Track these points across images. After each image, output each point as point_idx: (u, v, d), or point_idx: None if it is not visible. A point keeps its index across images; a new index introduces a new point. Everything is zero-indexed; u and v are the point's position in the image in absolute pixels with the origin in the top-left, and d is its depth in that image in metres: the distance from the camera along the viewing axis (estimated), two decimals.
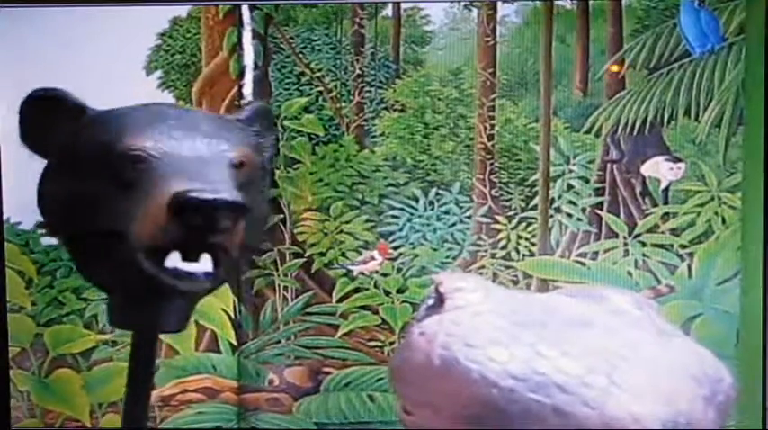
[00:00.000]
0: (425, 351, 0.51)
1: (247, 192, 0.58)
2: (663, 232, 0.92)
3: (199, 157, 0.57)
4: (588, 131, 0.92)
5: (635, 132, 0.92)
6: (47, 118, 0.64)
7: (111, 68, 0.89)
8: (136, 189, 0.56)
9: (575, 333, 0.50)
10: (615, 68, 0.91)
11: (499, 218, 0.93)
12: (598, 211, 0.93)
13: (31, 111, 0.65)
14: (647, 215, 0.93)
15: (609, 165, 0.93)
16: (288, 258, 0.93)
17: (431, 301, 0.56)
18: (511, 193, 0.93)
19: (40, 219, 0.65)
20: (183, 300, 0.63)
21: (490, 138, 0.92)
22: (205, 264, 0.55)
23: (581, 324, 0.51)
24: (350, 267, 0.93)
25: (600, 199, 0.93)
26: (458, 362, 0.49)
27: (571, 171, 0.92)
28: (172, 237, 0.54)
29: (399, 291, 0.93)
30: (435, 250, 0.93)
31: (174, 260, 0.54)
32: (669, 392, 0.46)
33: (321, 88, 0.92)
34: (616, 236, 0.93)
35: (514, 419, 0.47)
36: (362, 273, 0.93)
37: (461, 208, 0.93)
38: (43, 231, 0.90)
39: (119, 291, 0.63)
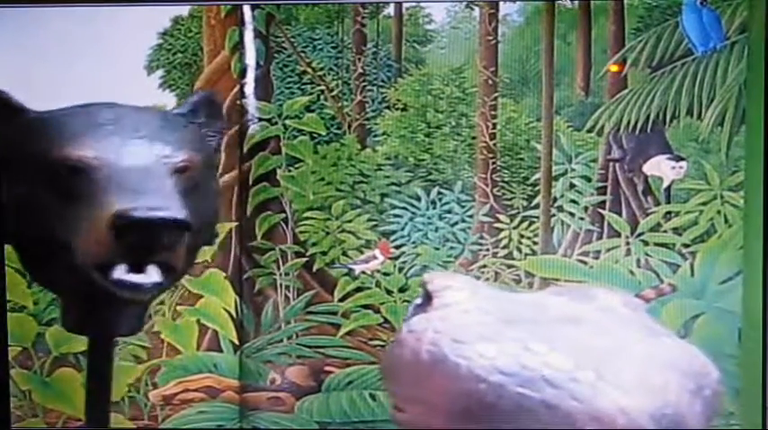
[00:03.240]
0: (414, 348, 0.51)
1: (193, 195, 0.57)
2: (665, 231, 0.92)
3: (139, 167, 0.56)
4: (590, 130, 0.92)
5: (637, 131, 0.92)
6: None
7: (112, 68, 0.89)
8: (77, 201, 0.55)
9: (563, 330, 0.50)
10: (615, 68, 0.91)
11: (501, 217, 0.93)
12: (600, 210, 0.93)
13: None
14: (650, 214, 0.92)
15: (611, 163, 0.93)
16: (289, 257, 0.93)
17: (419, 300, 0.57)
18: (513, 192, 0.93)
19: None
20: (135, 305, 0.63)
21: (492, 136, 0.92)
22: (152, 274, 0.55)
23: (570, 321, 0.51)
24: (351, 266, 0.93)
25: (602, 198, 0.93)
26: (446, 358, 0.49)
27: (573, 170, 0.92)
28: (115, 255, 0.53)
29: (401, 290, 0.93)
30: (437, 249, 0.93)
31: (120, 272, 0.54)
32: (656, 386, 0.47)
33: (323, 87, 0.92)
34: (618, 235, 0.93)
35: (504, 413, 0.47)
36: (364, 272, 0.93)
37: (463, 207, 0.93)
38: None
39: (70, 297, 0.63)
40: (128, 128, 0.59)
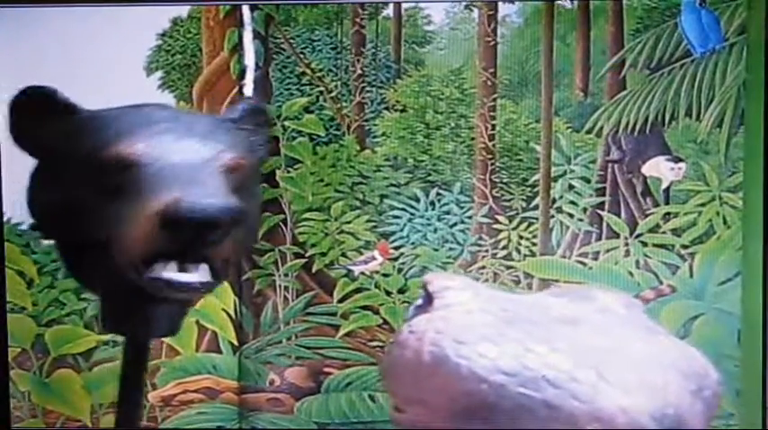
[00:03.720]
0: (415, 348, 0.51)
1: (240, 196, 0.57)
2: (664, 232, 0.92)
3: (190, 163, 0.56)
4: (589, 131, 0.92)
5: (636, 132, 0.92)
6: (36, 116, 0.63)
7: (111, 69, 0.89)
8: (126, 196, 0.55)
9: (563, 330, 0.50)
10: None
11: (500, 218, 0.93)
12: (599, 211, 0.93)
13: (21, 108, 0.64)
14: (649, 215, 0.93)
15: (610, 165, 0.93)
16: (289, 258, 0.93)
17: (420, 301, 0.57)
18: (512, 193, 0.93)
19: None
20: (176, 305, 0.62)
21: (491, 138, 0.92)
22: (202, 273, 0.54)
23: (569, 322, 0.51)
24: (351, 267, 0.93)
25: (601, 199, 0.93)
26: (447, 359, 0.49)
27: (572, 171, 0.92)
28: (163, 249, 0.53)
29: (400, 292, 0.93)
30: (436, 250, 0.93)
31: (169, 271, 0.54)
32: (657, 386, 0.47)
33: (322, 88, 0.92)
34: (617, 236, 0.93)
35: (505, 413, 0.48)
36: (363, 274, 0.93)
37: (462, 208, 0.93)
38: (37, 233, 0.90)
39: (111, 297, 0.62)
40: (179, 127, 0.59)
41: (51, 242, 0.64)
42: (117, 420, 0.66)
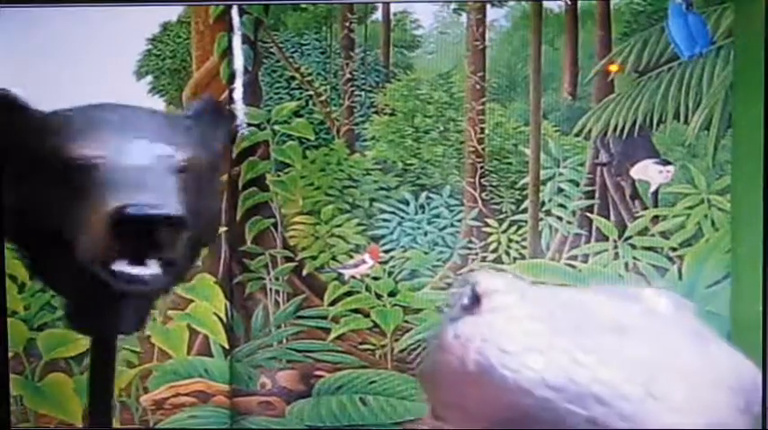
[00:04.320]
0: (460, 356, 0.50)
1: (195, 195, 0.57)
2: (653, 235, 0.93)
3: (140, 166, 0.57)
4: (578, 134, 0.92)
5: (624, 135, 0.92)
6: None
7: (100, 73, 0.89)
8: (79, 197, 0.56)
9: (611, 338, 0.49)
10: (615, 68, 0.91)
11: (489, 221, 0.93)
12: (588, 214, 0.93)
13: None
14: (637, 218, 0.93)
15: (599, 168, 0.93)
16: (279, 262, 0.93)
17: (466, 301, 0.55)
18: (501, 197, 0.93)
19: None
20: (138, 301, 0.63)
21: (480, 141, 0.92)
22: (152, 266, 0.55)
23: (618, 328, 0.50)
24: (341, 271, 0.93)
25: (590, 202, 0.93)
26: (493, 369, 0.48)
27: (561, 174, 0.93)
28: (115, 249, 0.54)
29: (390, 295, 0.93)
30: (426, 253, 0.93)
31: (120, 264, 0.54)
32: (705, 404, 0.46)
33: (311, 92, 0.92)
34: (606, 238, 0.93)
35: (548, 427, 0.47)
36: (354, 277, 0.93)
37: (452, 211, 0.93)
38: None
39: (74, 296, 0.63)
40: (131, 127, 0.60)
41: (15, 247, 0.64)
42: (89, 421, 0.66)
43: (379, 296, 0.93)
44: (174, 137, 0.61)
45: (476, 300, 0.55)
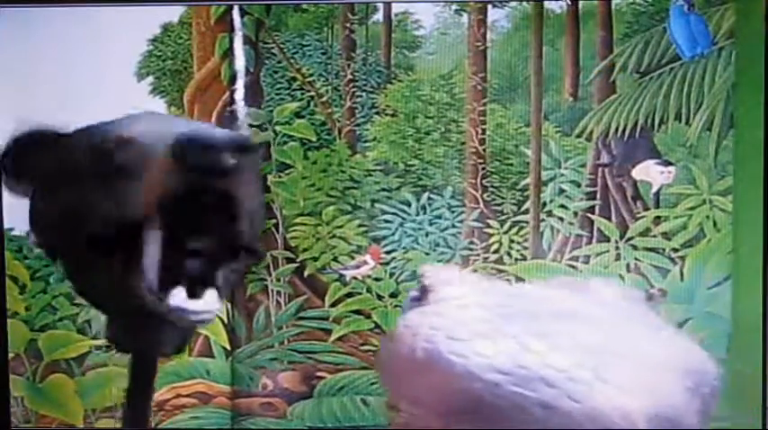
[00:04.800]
0: (409, 344, 0.51)
1: (245, 196, 0.57)
2: (654, 236, 0.93)
3: (186, 130, 0.56)
4: (579, 135, 0.92)
5: (626, 136, 0.92)
6: (27, 157, 0.62)
7: (102, 74, 0.90)
8: (130, 171, 0.54)
9: (561, 326, 0.50)
10: None
11: (491, 222, 0.93)
12: (590, 215, 0.93)
13: (17, 155, 0.63)
14: (639, 219, 0.93)
15: (600, 168, 0.93)
16: (281, 263, 0.93)
17: (415, 293, 0.56)
18: (502, 197, 0.93)
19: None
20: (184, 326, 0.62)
21: (481, 142, 0.92)
22: (210, 301, 0.54)
23: (568, 316, 0.51)
24: (342, 272, 0.93)
25: (591, 203, 0.93)
26: (441, 356, 0.49)
27: (562, 175, 0.92)
28: (175, 189, 0.52)
29: (392, 296, 0.93)
30: (427, 254, 0.93)
31: (178, 298, 0.53)
32: (654, 385, 0.47)
33: (312, 93, 0.92)
34: (608, 239, 0.93)
35: (500, 412, 0.47)
36: (355, 278, 0.93)
37: (453, 212, 0.93)
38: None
39: (117, 314, 0.62)
40: (169, 121, 0.59)
41: (59, 263, 0.64)
42: None
43: (380, 297, 0.93)
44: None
45: (424, 291, 0.55)
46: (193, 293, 0.53)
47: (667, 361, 0.49)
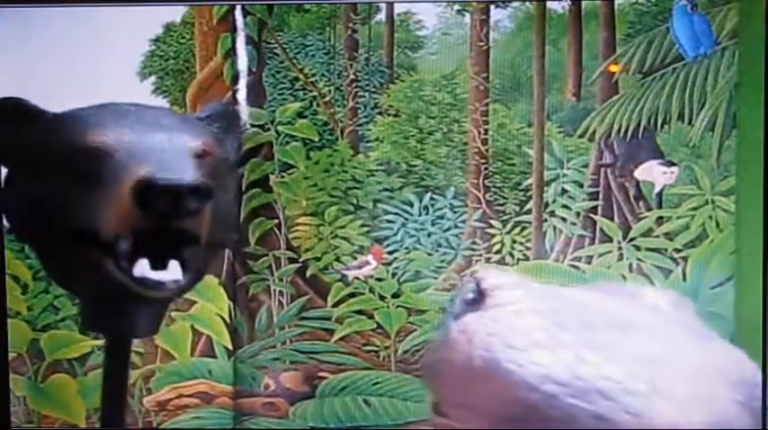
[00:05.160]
0: (465, 351, 0.50)
1: (212, 183, 0.57)
2: (657, 236, 0.92)
3: (160, 149, 0.57)
4: (582, 136, 0.92)
5: (628, 136, 0.92)
6: (4, 126, 0.63)
7: (104, 74, 0.90)
8: (99, 184, 0.55)
9: (616, 336, 0.49)
10: (615, 68, 0.91)
11: (493, 222, 0.93)
12: (592, 215, 0.93)
13: None
14: (641, 219, 0.93)
15: (602, 169, 0.93)
16: (283, 263, 0.93)
17: (470, 296, 0.55)
18: (505, 198, 0.93)
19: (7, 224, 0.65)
20: (154, 304, 0.62)
21: (484, 142, 0.92)
22: (173, 271, 0.55)
23: (621, 326, 0.50)
24: (345, 272, 0.93)
25: (594, 203, 0.93)
26: (499, 365, 0.48)
27: (565, 175, 0.92)
28: (138, 225, 0.53)
29: (394, 296, 0.93)
30: (430, 255, 0.93)
31: (142, 268, 0.54)
32: (707, 398, 0.46)
33: (315, 93, 0.92)
34: (610, 240, 0.93)
35: (554, 423, 0.47)
36: (357, 278, 0.93)
37: (456, 212, 0.93)
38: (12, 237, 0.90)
39: (89, 297, 0.63)
40: (148, 119, 0.60)
41: (30, 247, 0.64)
42: (102, 422, 0.66)
43: (382, 297, 0.93)
44: (188, 129, 0.61)
45: (480, 295, 0.54)
46: (156, 264, 0.54)
47: (719, 372, 0.48)
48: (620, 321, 0.51)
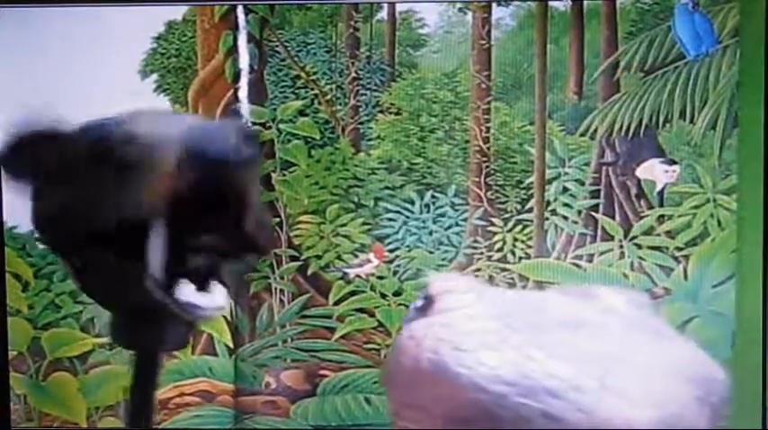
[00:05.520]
0: (414, 355, 0.51)
1: (253, 176, 0.57)
2: (658, 234, 0.93)
3: (194, 128, 0.55)
4: (583, 134, 0.92)
5: (630, 135, 0.92)
6: (26, 155, 0.63)
7: (106, 72, 0.90)
8: (134, 172, 0.54)
9: (567, 335, 0.49)
10: None
11: (495, 220, 0.93)
12: (593, 214, 0.93)
13: (9, 156, 0.63)
14: (643, 217, 0.93)
15: (604, 167, 0.93)
16: (284, 261, 0.93)
17: (420, 303, 0.56)
18: (506, 196, 0.93)
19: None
20: (188, 321, 0.62)
21: (485, 140, 0.92)
22: (218, 296, 0.54)
23: (573, 325, 0.50)
24: (346, 270, 0.93)
25: (595, 201, 0.93)
26: (447, 367, 0.49)
27: (566, 173, 0.92)
28: (183, 191, 0.52)
29: (395, 294, 0.93)
30: (431, 253, 0.93)
31: (186, 292, 0.53)
32: (662, 395, 0.46)
33: (316, 91, 0.92)
34: (612, 238, 0.93)
35: (504, 423, 0.47)
36: (358, 276, 0.93)
37: (457, 210, 0.93)
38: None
39: (123, 311, 0.62)
40: (176, 119, 0.59)
41: (62, 259, 0.64)
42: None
43: (383, 295, 0.93)
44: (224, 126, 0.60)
45: (429, 301, 0.55)
46: (201, 287, 0.53)
47: (675, 369, 0.48)
48: (573, 321, 0.51)
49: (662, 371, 0.48)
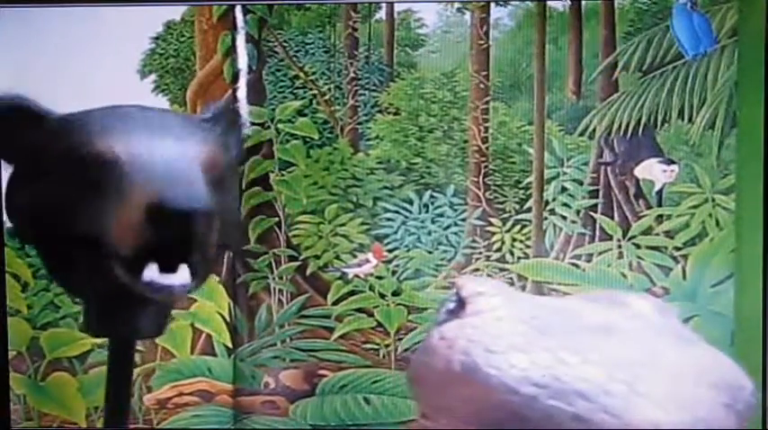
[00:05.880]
0: (446, 356, 0.51)
1: (218, 193, 0.57)
2: (657, 234, 0.93)
3: (168, 160, 0.56)
4: (582, 134, 0.92)
5: (628, 134, 0.92)
6: (8, 125, 0.63)
7: (104, 72, 0.90)
8: (107, 193, 0.55)
9: (596, 340, 0.49)
10: None
11: (493, 220, 0.93)
12: (592, 214, 0.93)
13: None
14: (641, 217, 0.93)
15: (602, 167, 0.93)
16: (283, 261, 0.93)
17: (451, 305, 0.56)
18: (505, 196, 0.93)
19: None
20: (160, 306, 0.62)
21: (484, 140, 0.92)
22: (182, 275, 0.54)
23: (602, 330, 0.50)
24: (345, 270, 0.93)
25: (594, 201, 0.93)
26: (478, 369, 0.49)
27: (565, 173, 0.93)
28: (147, 240, 0.53)
29: (394, 294, 0.93)
30: (430, 253, 0.93)
31: (150, 272, 0.54)
32: (689, 400, 0.46)
33: (315, 91, 0.92)
34: (610, 238, 0.93)
35: (534, 425, 0.47)
36: (357, 276, 0.93)
37: (456, 210, 0.93)
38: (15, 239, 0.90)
39: (93, 299, 0.62)
40: (154, 125, 0.59)
41: (33, 247, 0.64)
42: (105, 423, 0.66)
43: (382, 295, 0.93)
44: (196, 136, 0.61)
45: (461, 303, 0.55)
46: (166, 268, 0.54)
47: (703, 375, 0.48)
48: (602, 326, 0.51)
49: (690, 376, 0.48)
